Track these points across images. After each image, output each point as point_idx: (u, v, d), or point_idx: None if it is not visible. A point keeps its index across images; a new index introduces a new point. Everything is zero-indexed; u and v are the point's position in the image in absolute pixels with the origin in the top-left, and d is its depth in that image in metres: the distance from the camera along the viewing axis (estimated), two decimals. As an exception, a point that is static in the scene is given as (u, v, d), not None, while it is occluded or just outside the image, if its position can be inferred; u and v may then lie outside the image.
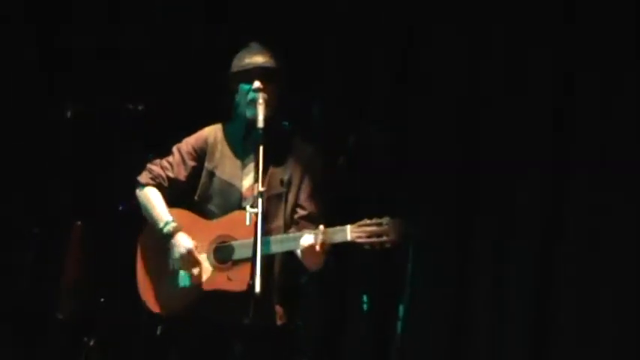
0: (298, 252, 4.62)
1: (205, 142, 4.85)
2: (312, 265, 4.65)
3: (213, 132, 4.89)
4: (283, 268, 4.74)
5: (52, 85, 6.41)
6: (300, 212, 4.76)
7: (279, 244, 4.64)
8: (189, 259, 4.68)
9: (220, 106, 4.96)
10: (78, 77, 6.40)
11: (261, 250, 4.36)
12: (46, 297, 6.12)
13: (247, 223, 4.49)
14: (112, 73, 6.37)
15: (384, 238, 4.50)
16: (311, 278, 4.97)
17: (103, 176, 6.29)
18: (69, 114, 6.13)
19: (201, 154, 4.84)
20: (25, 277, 6.19)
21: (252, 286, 4.29)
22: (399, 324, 5.86)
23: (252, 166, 4.74)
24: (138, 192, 4.87)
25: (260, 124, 4.64)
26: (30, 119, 6.35)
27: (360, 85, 6.22)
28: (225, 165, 4.79)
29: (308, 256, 4.59)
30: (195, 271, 4.70)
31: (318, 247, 4.51)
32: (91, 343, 5.98)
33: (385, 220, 4.51)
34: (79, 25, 6.43)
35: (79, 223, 6.07)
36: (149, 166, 4.90)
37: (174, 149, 4.88)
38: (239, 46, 4.90)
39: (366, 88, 6.23)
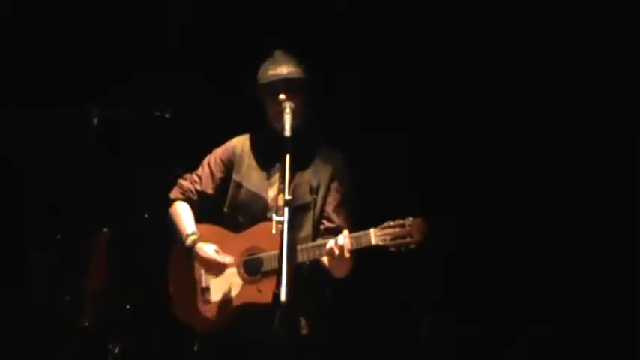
0: (325, 260, 4.64)
1: (233, 153, 4.91)
2: (340, 271, 4.69)
3: (241, 143, 4.94)
4: (309, 279, 4.76)
5: (79, 91, 6.40)
6: (327, 224, 4.79)
7: (304, 252, 4.65)
8: (214, 264, 4.73)
9: (250, 113, 4.95)
10: (105, 84, 6.38)
11: (287, 259, 4.37)
12: (70, 303, 6.11)
13: (273, 231, 4.52)
14: (139, 79, 6.36)
15: (408, 239, 4.52)
16: (336, 290, 4.94)
17: (129, 183, 6.29)
18: (95, 121, 6.12)
19: (229, 166, 4.90)
20: (48, 283, 6.19)
21: (277, 294, 4.32)
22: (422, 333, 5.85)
23: (277, 176, 4.79)
24: (168, 209, 4.93)
25: (287, 133, 4.66)
26: (56, 126, 6.34)
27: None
28: (252, 176, 4.84)
29: (335, 263, 4.63)
30: (226, 286, 4.72)
31: (347, 254, 4.53)
32: (116, 350, 5.99)
33: (408, 220, 4.54)
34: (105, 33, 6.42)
35: (105, 230, 6.07)
36: (180, 181, 4.98)
37: (204, 162, 4.96)
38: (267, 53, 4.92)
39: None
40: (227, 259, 4.72)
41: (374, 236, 4.54)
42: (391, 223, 4.55)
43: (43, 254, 6.29)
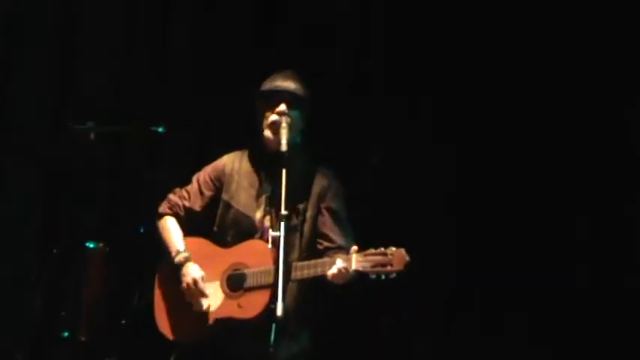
0: (334, 269, 4.65)
1: (223, 171, 5.02)
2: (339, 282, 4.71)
3: (231, 161, 5.05)
4: (298, 297, 4.82)
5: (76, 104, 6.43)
6: (327, 244, 4.87)
7: (299, 270, 4.71)
8: (195, 289, 4.82)
9: (244, 129, 4.98)
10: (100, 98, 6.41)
11: (283, 274, 4.45)
12: (66, 318, 6.11)
13: (269, 246, 4.66)
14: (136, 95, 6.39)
15: (389, 268, 4.58)
16: (326, 306, 4.97)
17: (125, 198, 6.31)
18: (92, 135, 6.12)
19: (218, 185, 5.02)
20: (44, 298, 6.18)
21: (273, 310, 4.40)
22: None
23: (265, 196, 4.89)
24: (157, 222, 5.06)
25: (283, 147, 4.76)
26: (54, 140, 6.36)
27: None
28: (241, 196, 4.95)
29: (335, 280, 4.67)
30: (206, 299, 4.77)
31: (344, 270, 4.60)
32: (112, 364, 6.00)
33: (390, 249, 4.61)
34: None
35: (102, 245, 6.08)
36: (169, 195, 5.10)
37: (194, 178, 5.08)
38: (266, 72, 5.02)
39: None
40: (207, 290, 4.80)
41: (355, 262, 4.62)
42: (373, 251, 4.63)
43: (40, 268, 6.28)
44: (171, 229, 4.97)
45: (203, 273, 4.83)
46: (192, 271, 4.83)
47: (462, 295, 6.14)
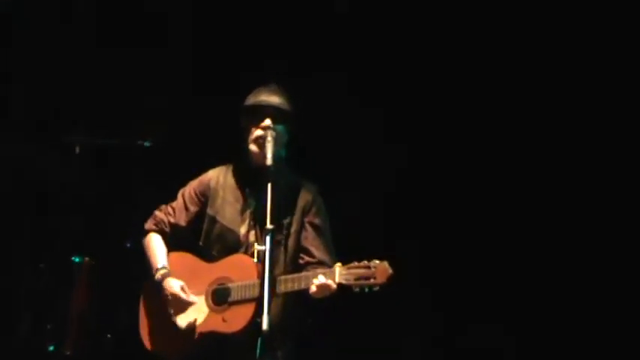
0: (312, 287, 4.69)
1: (208, 186, 5.05)
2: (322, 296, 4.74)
3: (216, 175, 5.08)
4: (283, 310, 4.85)
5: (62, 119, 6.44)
6: (307, 258, 4.91)
7: (284, 283, 4.74)
8: (178, 302, 4.86)
9: (229, 143, 4.99)
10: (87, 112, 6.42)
11: (269, 288, 4.49)
12: (52, 332, 6.10)
13: (255, 260, 4.67)
14: (120, 108, 6.40)
15: (372, 281, 4.62)
16: (316, 318, 4.98)
17: (111, 212, 6.31)
18: (77, 149, 6.13)
19: (203, 200, 5.06)
20: (30, 312, 6.18)
21: (259, 323, 4.44)
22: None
23: (249, 211, 4.92)
24: (143, 239, 5.09)
25: (268, 162, 4.78)
26: (38, 155, 6.36)
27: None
28: (226, 210, 4.99)
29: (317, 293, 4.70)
30: (193, 307, 4.75)
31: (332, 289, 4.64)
32: (98, 378, 6.00)
33: (373, 262, 4.65)
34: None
35: (88, 259, 6.09)
36: (155, 212, 5.15)
37: (179, 194, 5.13)
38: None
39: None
40: (192, 297, 4.85)
41: (338, 275, 4.66)
42: (356, 264, 4.68)
43: (27, 283, 6.28)
44: (155, 246, 5.02)
45: (182, 283, 4.87)
46: (171, 286, 4.87)
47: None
